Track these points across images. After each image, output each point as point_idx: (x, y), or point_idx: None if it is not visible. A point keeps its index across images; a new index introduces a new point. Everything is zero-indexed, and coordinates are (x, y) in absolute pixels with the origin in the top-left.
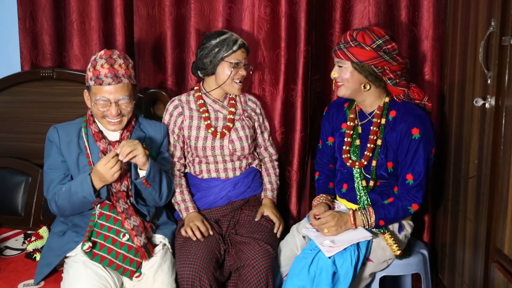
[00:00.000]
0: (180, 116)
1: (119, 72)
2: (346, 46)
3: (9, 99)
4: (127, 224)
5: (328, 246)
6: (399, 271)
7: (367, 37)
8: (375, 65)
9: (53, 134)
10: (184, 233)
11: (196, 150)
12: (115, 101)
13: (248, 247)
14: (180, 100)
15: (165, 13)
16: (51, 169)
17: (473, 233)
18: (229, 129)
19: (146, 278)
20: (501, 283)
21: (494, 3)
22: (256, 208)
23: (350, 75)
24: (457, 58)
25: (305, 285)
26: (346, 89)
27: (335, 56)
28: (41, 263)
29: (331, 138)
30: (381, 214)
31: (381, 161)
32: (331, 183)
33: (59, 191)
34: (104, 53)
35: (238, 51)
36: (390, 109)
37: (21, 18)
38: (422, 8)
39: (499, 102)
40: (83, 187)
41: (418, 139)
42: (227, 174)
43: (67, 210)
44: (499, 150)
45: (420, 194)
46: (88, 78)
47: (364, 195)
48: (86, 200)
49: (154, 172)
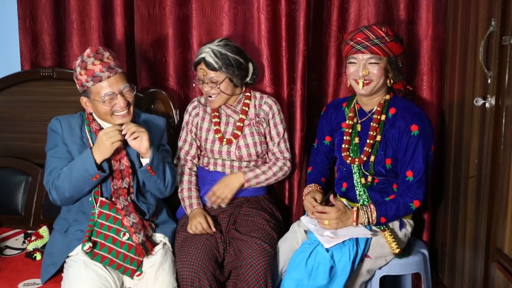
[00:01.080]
0: (197, 116)
1: (111, 64)
2: (382, 41)
3: (9, 98)
4: (126, 221)
5: (328, 236)
6: (399, 271)
7: (394, 33)
8: (401, 59)
9: (56, 124)
10: (189, 229)
11: (206, 151)
12: (119, 92)
13: (246, 246)
14: (199, 101)
15: (166, 12)
16: (54, 157)
17: (473, 232)
18: (236, 136)
19: (147, 277)
20: (501, 282)
21: (494, 2)
22: (256, 207)
23: (383, 71)
24: (457, 58)
25: (302, 278)
26: (375, 85)
27: (368, 53)
28: (46, 262)
29: (329, 137)
30: (383, 211)
31: (380, 157)
32: (323, 178)
33: (60, 173)
34: (90, 51)
35: (197, 67)
36: (390, 106)
37: (21, 18)
38: (421, 8)
39: (499, 101)
40: (84, 160)
41: (417, 135)
42: (233, 171)
43: (66, 191)
44: (499, 149)
45: (421, 190)
46: (83, 82)
47: (363, 192)
48: (87, 174)
49: (157, 160)
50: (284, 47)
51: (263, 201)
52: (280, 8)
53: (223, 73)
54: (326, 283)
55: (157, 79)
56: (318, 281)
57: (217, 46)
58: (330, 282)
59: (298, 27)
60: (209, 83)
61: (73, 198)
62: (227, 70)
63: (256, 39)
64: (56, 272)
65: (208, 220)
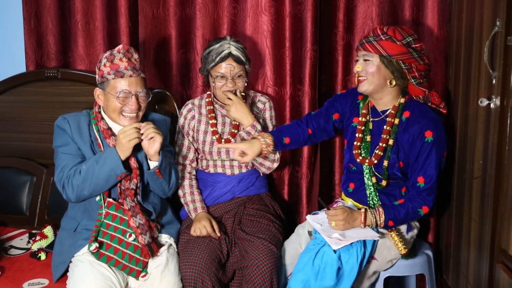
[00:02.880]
0: (193, 119)
1: (136, 66)
2: (376, 39)
3: (14, 99)
4: (132, 222)
5: (337, 238)
6: (403, 272)
7: (397, 33)
8: (404, 61)
9: (63, 123)
10: (193, 232)
11: (204, 153)
12: (135, 94)
13: (252, 247)
14: (193, 103)
15: (169, 13)
16: (65, 154)
17: (478, 233)
18: (234, 135)
19: (153, 277)
20: (506, 284)
21: (499, 2)
22: (259, 207)
23: (376, 69)
24: (462, 58)
25: (309, 279)
26: (369, 84)
27: (362, 49)
28: (57, 261)
29: (337, 114)
30: (391, 215)
31: (393, 161)
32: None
33: (76, 172)
34: (122, 47)
35: (222, 64)
36: (404, 109)
37: (26, 19)
38: (426, 8)
39: (504, 102)
40: (112, 159)
41: (431, 142)
42: (233, 171)
43: (86, 189)
44: (504, 150)
45: (431, 197)
46: (104, 73)
47: (374, 192)
48: (113, 173)
49: (165, 163)
50: (288, 48)
51: (266, 199)
52: (283, 9)
53: (245, 67)
54: (333, 284)
55: (160, 79)
56: (326, 282)
57: (233, 41)
58: (338, 284)
59: (305, 28)
60: (235, 78)
61: (92, 196)
62: (248, 64)
63: (258, 39)
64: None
65: (212, 224)
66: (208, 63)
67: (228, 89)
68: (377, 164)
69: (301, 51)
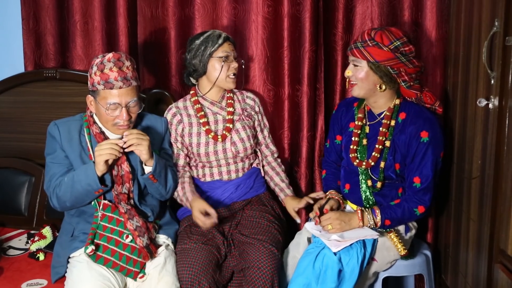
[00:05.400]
0: (180, 124)
1: (128, 75)
2: (363, 45)
3: (12, 99)
4: (129, 224)
5: (335, 240)
6: (402, 272)
7: (385, 38)
8: (391, 66)
9: (54, 130)
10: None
11: (199, 157)
12: (125, 105)
13: (252, 248)
14: (177, 107)
15: (168, 13)
16: (53, 163)
17: (477, 234)
18: (229, 130)
19: (151, 278)
20: (504, 284)
21: (498, 3)
22: (258, 208)
23: (365, 74)
24: (461, 58)
25: (310, 282)
26: (359, 89)
27: (351, 55)
28: (56, 263)
29: (339, 136)
30: (388, 214)
31: (389, 163)
32: (339, 181)
33: (61, 182)
34: (112, 56)
35: (224, 44)
36: (400, 111)
37: (24, 19)
38: (425, 9)
39: (503, 102)
40: (87, 174)
41: (427, 142)
42: (230, 176)
43: (68, 201)
44: (502, 150)
45: (427, 197)
46: (94, 82)
47: (370, 195)
48: (90, 188)
49: (160, 168)
50: (285, 48)
51: (264, 199)
52: (281, 9)
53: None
54: (335, 287)
55: (159, 79)
56: (327, 285)
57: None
58: (339, 286)
59: (304, 28)
60: (236, 59)
61: (74, 207)
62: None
63: (257, 39)
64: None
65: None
66: (208, 48)
67: (233, 71)
68: (374, 166)
69: (300, 52)
